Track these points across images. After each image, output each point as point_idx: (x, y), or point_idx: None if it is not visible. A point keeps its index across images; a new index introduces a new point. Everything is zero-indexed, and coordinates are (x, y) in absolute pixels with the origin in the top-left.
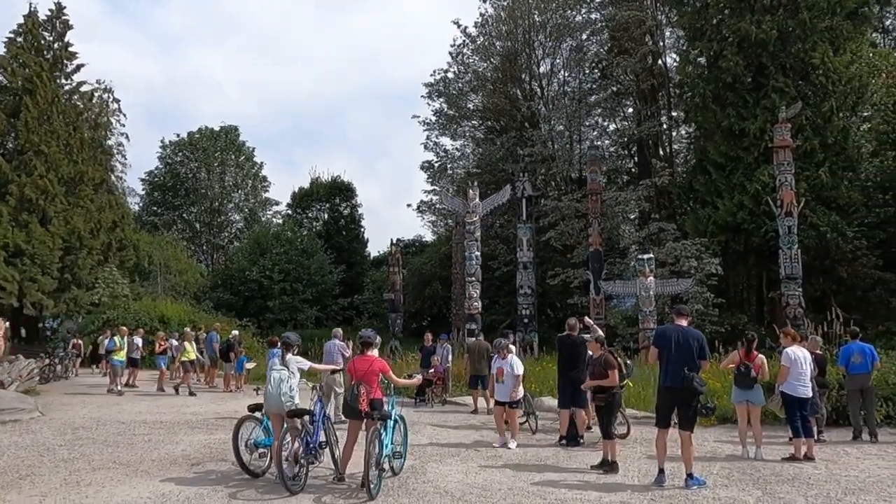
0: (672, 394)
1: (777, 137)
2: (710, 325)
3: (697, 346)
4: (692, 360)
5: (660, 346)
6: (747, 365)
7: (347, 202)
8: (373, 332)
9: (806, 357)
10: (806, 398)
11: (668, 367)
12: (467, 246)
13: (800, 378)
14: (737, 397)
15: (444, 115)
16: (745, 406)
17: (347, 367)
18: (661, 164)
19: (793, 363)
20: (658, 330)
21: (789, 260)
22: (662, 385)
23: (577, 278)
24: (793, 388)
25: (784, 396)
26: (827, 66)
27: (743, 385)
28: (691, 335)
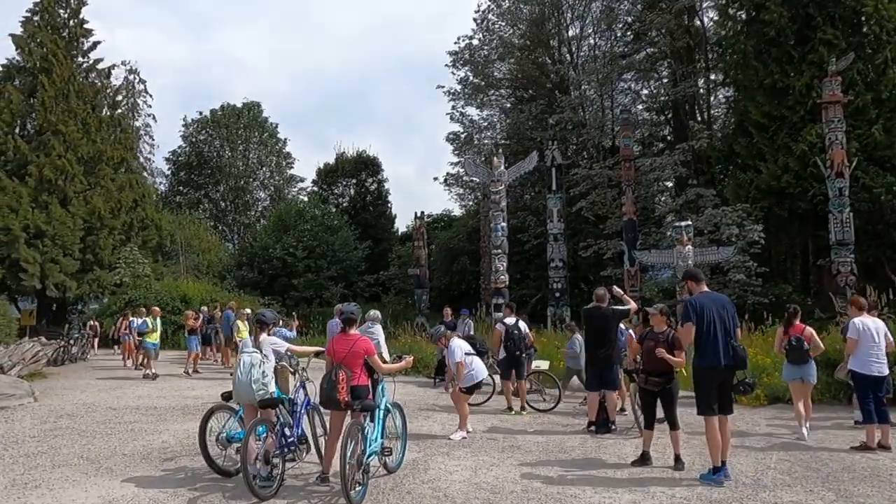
0: (718, 374)
1: (826, 93)
2: (752, 297)
3: (732, 314)
4: (733, 331)
5: (698, 320)
6: (798, 338)
7: (374, 177)
8: (355, 307)
9: (879, 328)
10: (882, 377)
11: (710, 343)
12: (493, 217)
13: (872, 353)
14: (789, 375)
15: (469, 84)
16: (799, 383)
17: (326, 348)
18: (698, 126)
19: (862, 335)
20: (691, 301)
21: (840, 224)
22: (704, 365)
23: (611, 249)
24: (864, 364)
25: (854, 375)
26: (881, 14)
27: (797, 360)
28: (724, 301)
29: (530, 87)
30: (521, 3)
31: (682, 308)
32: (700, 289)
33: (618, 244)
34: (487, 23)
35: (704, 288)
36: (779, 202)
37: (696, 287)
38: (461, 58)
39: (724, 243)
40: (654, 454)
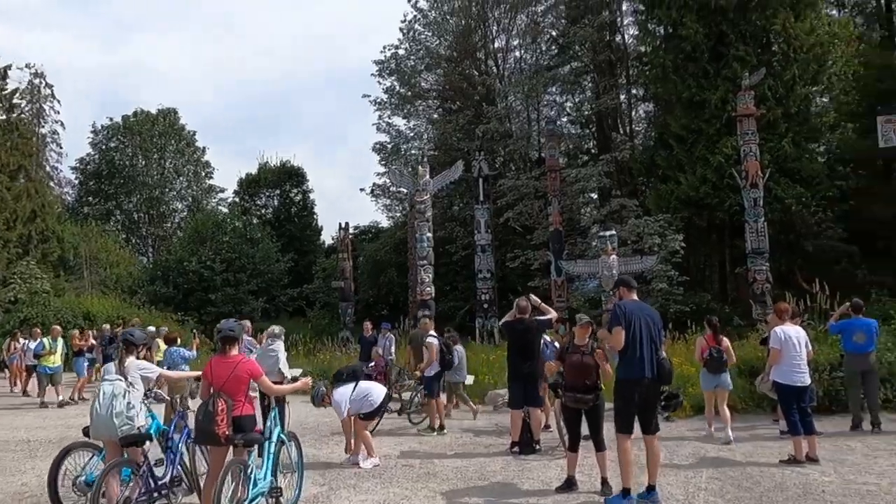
0: (642, 388)
1: (740, 106)
2: (674, 305)
3: (659, 326)
4: (659, 343)
5: (625, 327)
6: (718, 349)
7: (298, 188)
8: (235, 324)
9: (800, 337)
10: (805, 387)
11: (636, 354)
12: (418, 227)
13: (794, 363)
14: (707, 384)
15: (396, 94)
16: (713, 392)
17: (203, 371)
18: (621, 138)
19: (784, 344)
20: (619, 305)
21: (755, 234)
22: (629, 377)
23: (538, 260)
24: (787, 374)
25: (777, 386)
26: (788, 33)
27: (715, 370)
28: (651, 312)
29: (457, 97)
30: (448, 14)
31: (610, 313)
32: (630, 297)
33: (545, 254)
34: (414, 33)
35: (634, 296)
36: (698, 212)
37: (628, 295)
38: (387, 67)
39: (647, 253)
40: (580, 477)
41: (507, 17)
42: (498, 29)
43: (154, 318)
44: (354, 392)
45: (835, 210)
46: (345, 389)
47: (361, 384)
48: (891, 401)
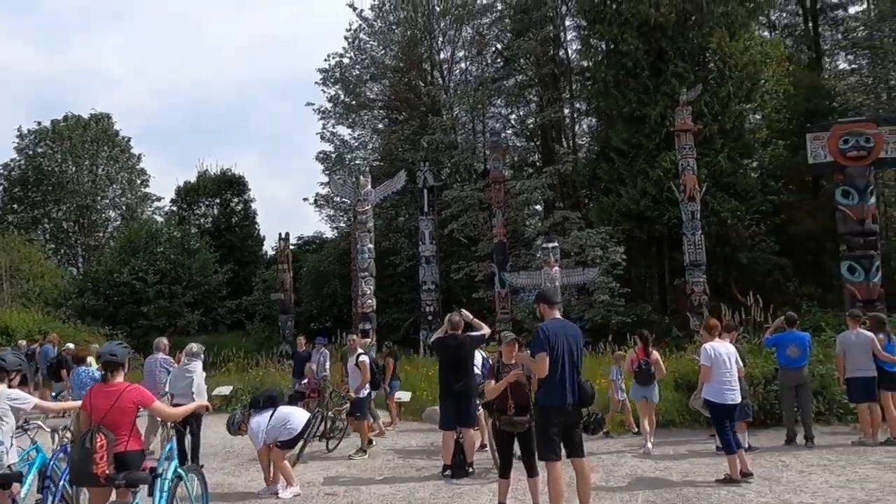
0: (565, 414)
1: (678, 121)
2: (616, 316)
3: (580, 345)
4: (580, 364)
5: (550, 351)
6: (647, 361)
7: (240, 197)
8: (119, 347)
9: (731, 354)
10: (735, 405)
11: (558, 379)
12: (359, 238)
13: (725, 380)
14: (636, 394)
15: (341, 103)
16: (643, 402)
17: (82, 402)
18: (564, 150)
19: (715, 362)
20: (543, 328)
21: (693, 246)
22: (551, 403)
23: (482, 271)
24: (717, 392)
25: (709, 404)
26: (724, 52)
27: (644, 382)
28: (573, 330)
29: (403, 108)
30: (393, 25)
31: (534, 336)
32: (552, 314)
33: (489, 266)
34: (359, 42)
35: (557, 314)
36: (638, 225)
37: (549, 311)
38: (332, 76)
39: (590, 265)
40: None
41: (453, 28)
42: (443, 40)
43: (79, 333)
44: (272, 419)
45: (767, 224)
46: (261, 418)
47: (280, 410)
48: (823, 414)
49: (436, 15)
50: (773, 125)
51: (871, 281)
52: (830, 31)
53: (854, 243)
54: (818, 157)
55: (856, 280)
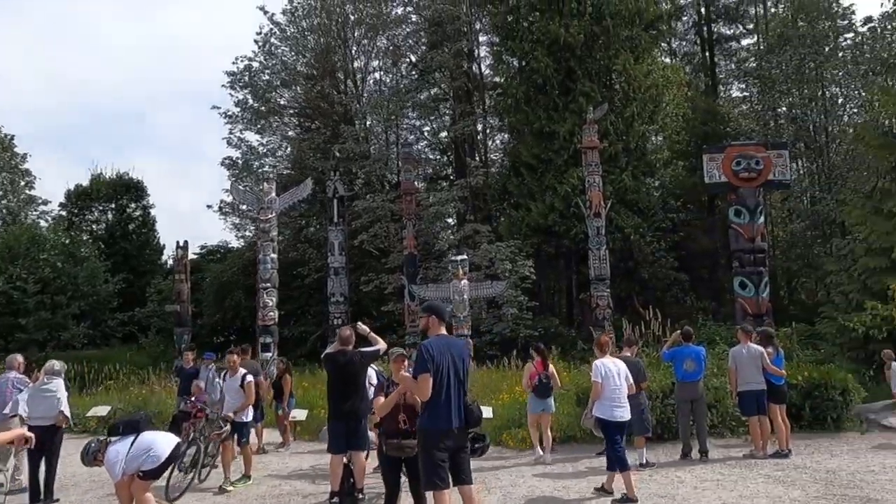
0: (450, 438)
1: (585, 138)
2: (524, 329)
3: (467, 364)
4: (465, 384)
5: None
6: (546, 375)
7: (138, 203)
8: None
9: (621, 370)
10: (624, 422)
11: (442, 401)
12: (261, 247)
13: (615, 396)
14: (535, 407)
15: (249, 108)
16: (539, 415)
17: None
18: (475, 164)
19: (605, 378)
20: (426, 346)
21: (598, 261)
22: (434, 428)
23: (392, 284)
24: (607, 409)
25: (599, 421)
26: (628, 74)
27: (542, 395)
28: (460, 348)
29: (316, 116)
30: (307, 31)
31: (417, 354)
32: (438, 330)
33: (399, 279)
34: (270, 47)
35: (443, 330)
36: (547, 239)
37: (437, 327)
38: (240, 79)
39: (499, 278)
40: None
41: (367, 38)
42: (357, 50)
43: None
44: (133, 447)
45: (667, 240)
46: (121, 446)
47: (143, 436)
48: (716, 426)
49: (350, 24)
50: (674, 146)
51: (761, 296)
52: (725, 61)
53: (745, 260)
54: (713, 177)
55: (746, 295)
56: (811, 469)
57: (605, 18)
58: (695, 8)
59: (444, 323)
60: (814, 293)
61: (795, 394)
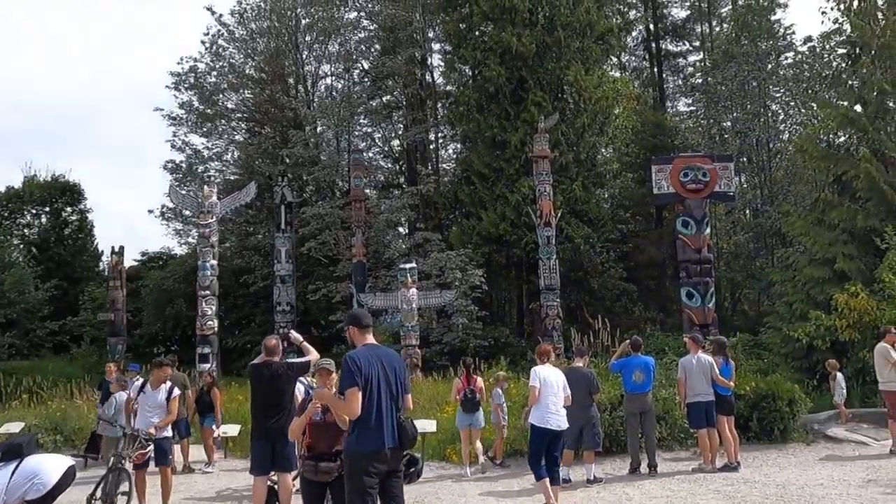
0: (382, 460)
1: (536, 147)
2: (474, 339)
3: (402, 376)
4: (401, 399)
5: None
6: (472, 389)
7: (74, 206)
8: None
9: (559, 380)
10: (559, 431)
11: (373, 419)
12: (201, 253)
13: (551, 404)
14: (462, 422)
15: (194, 110)
16: (468, 430)
17: None
18: (426, 171)
19: (543, 384)
20: (351, 360)
21: (548, 270)
22: (363, 450)
23: (341, 293)
24: (541, 416)
25: (531, 428)
26: (579, 85)
27: (470, 409)
28: (392, 357)
29: (265, 121)
30: (257, 34)
31: (342, 367)
32: (364, 339)
33: (348, 287)
34: (217, 48)
35: (370, 338)
36: (497, 248)
37: (360, 336)
38: (185, 80)
39: (450, 287)
40: None
41: (319, 43)
42: (309, 55)
43: None
44: (15, 475)
45: (616, 251)
46: (1, 474)
47: (27, 461)
48: (665, 439)
49: (301, 28)
50: (623, 158)
51: (707, 306)
52: (673, 76)
53: (692, 270)
54: (661, 188)
55: (693, 305)
56: (761, 483)
57: (556, 29)
58: (644, 24)
59: (366, 330)
60: (757, 304)
61: (743, 405)
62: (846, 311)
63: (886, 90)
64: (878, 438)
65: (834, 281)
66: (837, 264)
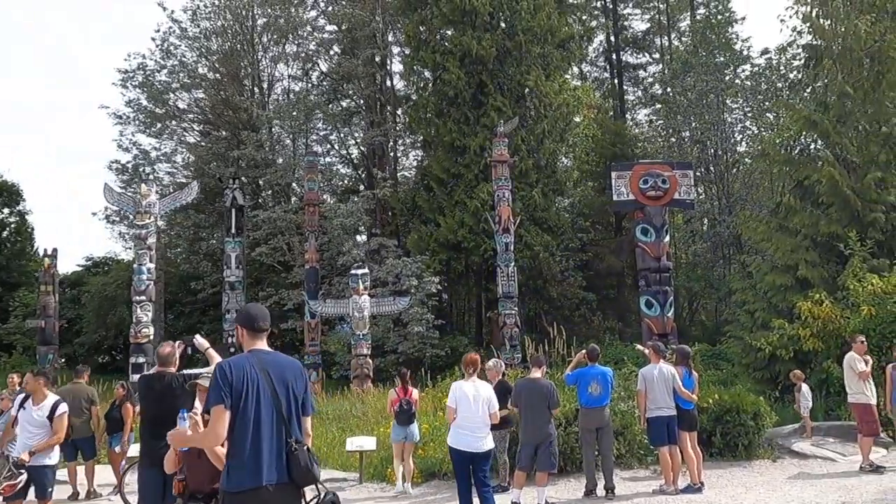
0: (263, 501)
1: (496, 152)
2: (430, 349)
3: (300, 389)
4: (298, 419)
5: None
6: (408, 401)
7: (11, 208)
8: None
9: (479, 395)
10: (480, 454)
11: (250, 447)
12: (136, 256)
13: (467, 424)
14: (397, 435)
15: (144, 109)
16: (402, 444)
17: None
18: (383, 175)
19: (459, 403)
20: (221, 370)
21: (506, 278)
22: (238, 489)
23: (292, 300)
24: (456, 437)
25: (449, 451)
26: (540, 90)
27: (404, 422)
28: (285, 368)
29: (219, 122)
30: (211, 33)
31: (211, 378)
32: (253, 344)
33: (301, 294)
34: (168, 46)
35: (261, 343)
36: (455, 256)
37: (250, 340)
38: (132, 78)
39: (405, 294)
40: None
41: (276, 44)
42: (265, 55)
43: None
44: None
45: (576, 259)
46: None
47: None
48: (623, 456)
49: (258, 28)
50: (583, 167)
51: (666, 315)
52: (633, 88)
53: (651, 279)
54: (621, 194)
55: (652, 314)
56: None
57: (517, 34)
58: (605, 33)
59: (258, 334)
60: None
61: (706, 418)
62: (810, 320)
63: (848, 93)
64: (846, 454)
65: (796, 288)
66: (800, 271)
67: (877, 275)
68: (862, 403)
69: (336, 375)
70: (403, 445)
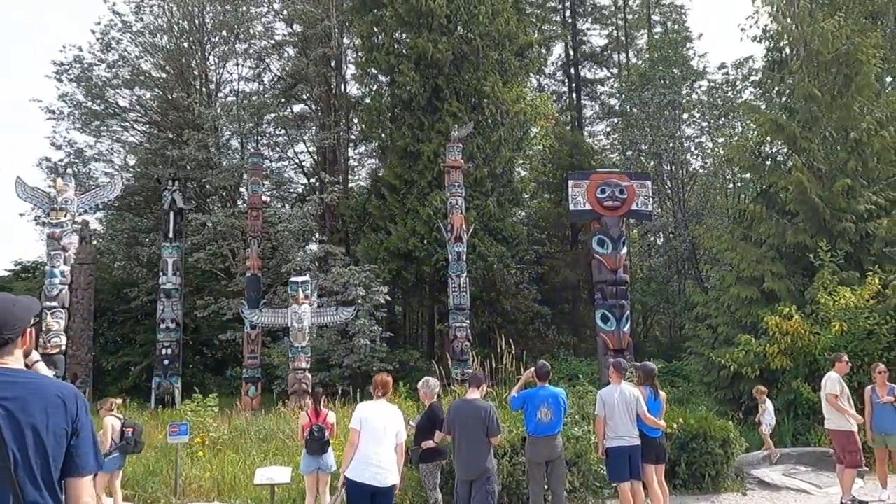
0: None
1: (449, 157)
2: (378, 363)
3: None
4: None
5: None
6: (320, 427)
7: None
8: None
9: (388, 420)
10: (383, 488)
11: None
12: (50, 257)
13: (369, 452)
14: (307, 466)
15: (81, 105)
16: (315, 476)
17: None
18: (331, 179)
19: (363, 428)
20: None
21: (458, 289)
22: None
23: (232, 309)
24: (356, 468)
25: (347, 484)
26: (497, 97)
27: (316, 451)
28: (36, 401)
29: (164, 122)
30: (159, 31)
31: None
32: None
33: (241, 303)
34: (110, 40)
35: (10, 361)
36: (406, 265)
37: None
38: (68, 71)
39: (352, 304)
40: None
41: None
42: (214, 57)
43: None
44: None
45: (531, 272)
46: None
47: None
48: (577, 490)
49: (207, 28)
50: (540, 178)
51: (622, 330)
52: (591, 102)
53: (607, 292)
54: (578, 204)
55: (608, 329)
56: None
57: (474, 38)
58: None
59: (10, 345)
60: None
61: (670, 446)
62: (777, 336)
63: (815, 96)
64: (821, 485)
65: (762, 302)
66: (766, 283)
67: (848, 288)
68: (844, 431)
69: (277, 390)
70: (317, 477)
